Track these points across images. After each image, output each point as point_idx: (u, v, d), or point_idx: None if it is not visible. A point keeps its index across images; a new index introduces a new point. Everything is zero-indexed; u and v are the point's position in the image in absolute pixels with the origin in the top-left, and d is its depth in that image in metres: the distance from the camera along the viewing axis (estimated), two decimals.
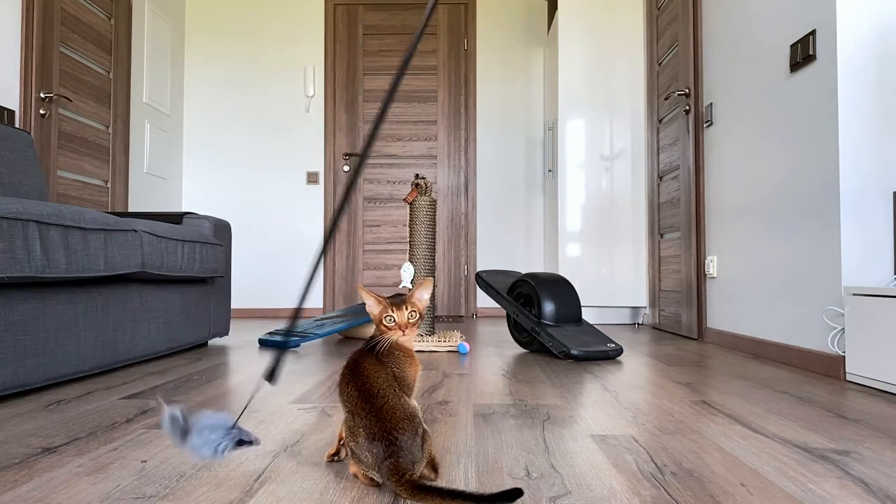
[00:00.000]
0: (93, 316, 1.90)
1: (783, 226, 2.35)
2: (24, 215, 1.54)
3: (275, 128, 4.75)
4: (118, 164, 3.74)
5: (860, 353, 1.85)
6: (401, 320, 1.02)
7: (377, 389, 0.95)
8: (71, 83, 3.30)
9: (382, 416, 0.92)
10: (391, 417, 0.92)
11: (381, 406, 0.93)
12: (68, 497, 0.91)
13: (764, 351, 2.46)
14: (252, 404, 1.54)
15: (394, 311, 1.02)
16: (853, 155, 1.99)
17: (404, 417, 0.92)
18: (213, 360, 2.33)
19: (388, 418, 0.92)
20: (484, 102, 4.75)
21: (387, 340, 1.01)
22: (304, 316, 4.65)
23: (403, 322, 1.02)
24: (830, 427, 1.34)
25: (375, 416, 0.92)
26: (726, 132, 2.85)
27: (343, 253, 4.72)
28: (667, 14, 3.60)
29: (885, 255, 1.97)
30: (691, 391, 1.74)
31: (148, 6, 4.15)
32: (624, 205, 4.02)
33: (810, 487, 0.96)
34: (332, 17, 4.77)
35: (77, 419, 1.38)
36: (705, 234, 3.09)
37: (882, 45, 1.99)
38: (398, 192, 4.75)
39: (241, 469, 1.04)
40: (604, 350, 2.36)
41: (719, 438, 1.24)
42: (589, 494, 0.92)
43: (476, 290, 4.72)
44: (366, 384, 0.96)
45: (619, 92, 4.04)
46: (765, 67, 2.49)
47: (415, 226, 2.76)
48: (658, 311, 3.73)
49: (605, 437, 1.25)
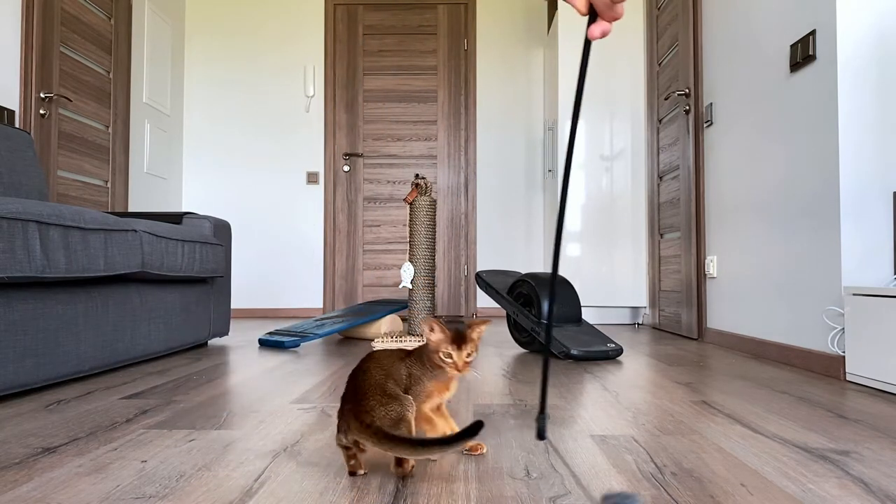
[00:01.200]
0: (93, 316, 1.90)
1: (783, 225, 2.35)
2: (24, 215, 1.54)
3: (275, 128, 4.75)
4: (118, 164, 3.74)
5: (860, 353, 1.85)
6: (458, 360, 0.99)
7: (371, 382, 0.97)
8: (71, 83, 3.30)
9: (358, 390, 0.96)
10: (366, 393, 0.95)
11: (364, 387, 0.96)
12: (68, 497, 0.90)
13: (764, 351, 2.46)
14: (252, 404, 1.54)
15: (453, 349, 0.98)
16: (853, 155, 1.99)
17: (380, 396, 0.95)
18: (213, 360, 2.33)
19: (364, 394, 0.95)
20: (484, 102, 4.75)
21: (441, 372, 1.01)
22: (304, 316, 4.65)
23: (461, 363, 0.99)
24: (830, 427, 1.34)
25: (353, 391, 0.97)
26: (726, 132, 2.85)
27: (343, 253, 4.72)
28: (667, 14, 3.60)
29: (885, 255, 1.97)
30: (691, 391, 1.74)
31: (148, 6, 4.15)
32: (624, 205, 4.02)
33: (810, 487, 0.96)
34: (332, 17, 4.77)
35: (77, 419, 1.38)
36: (705, 234, 3.09)
37: (882, 45, 1.99)
38: (398, 192, 4.75)
39: (241, 469, 1.04)
40: (604, 350, 2.36)
41: (719, 438, 1.24)
42: (589, 494, 0.92)
43: (476, 290, 4.72)
44: (364, 376, 0.98)
45: (619, 92, 4.04)
46: (765, 67, 2.49)
47: (415, 226, 2.76)
48: (658, 311, 3.73)
49: (605, 437, 1.25)
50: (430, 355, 1.00)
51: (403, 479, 0.98)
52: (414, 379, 1.00)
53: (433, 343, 1.00)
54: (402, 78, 4.75)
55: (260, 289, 4.70)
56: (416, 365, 1.01)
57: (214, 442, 1.20)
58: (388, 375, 0.99)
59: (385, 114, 4.74)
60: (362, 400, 0.94)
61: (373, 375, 0.98)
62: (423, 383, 1.00)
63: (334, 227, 4.73)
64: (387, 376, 0.98)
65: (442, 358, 0.98)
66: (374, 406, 0.93)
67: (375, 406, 0.94)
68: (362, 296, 4.71)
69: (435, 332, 1.00)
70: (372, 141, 4.74)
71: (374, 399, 0.94)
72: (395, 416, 0.94)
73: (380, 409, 0.93)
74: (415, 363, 1.01)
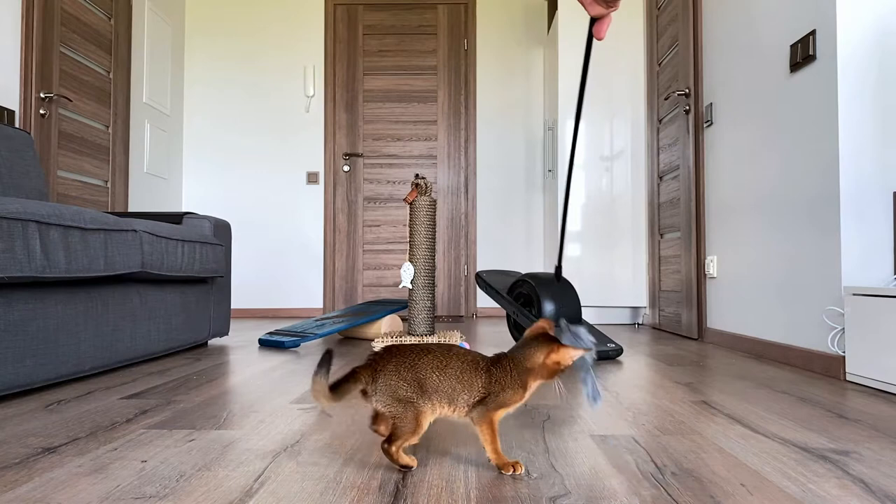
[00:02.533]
0: (93, 316, 1.90)
1: (783, 225, 2.35)
2: (24, 215, 1.54)
3: (275, 128, 4.75)
4: (118, 164, 3.74)
5: (860, 353, 1.85)
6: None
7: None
8: (71, 83, 3.30)
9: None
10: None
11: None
12: (68, 497, 0.91)
13: (764, 351, 2.46)
14: (252, 404, 1.54)
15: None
16: (853, 155, 1.99)
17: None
18: (213, 360, 2.33)
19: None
20: (484, 102, 4.75)
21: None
22: (304, 316, 4.65)
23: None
24: (830, 427, 1.34)
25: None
26: (726, 132, 2.85)
27: (343, 253, 4.72)
28: (667, 14, 3.60)
29: (885, 254, 1.97)
30: (691, 391, 1.74)
31: (148, 6, 4.15)
32: (624, 205, 4.02)
33: (810, 487, 0.96)
34: (332, 17, 4.77)
35: (77, 419, 1.38)
36: (705, 233, 3.09)
37: (882, 45, 1.98)
38: (398, 192, 4.75)
39: (241, 469, 1.04)
40: (604, 350, 2.36)
41: (719, 438, 1.24)
42: (589, 494, 0.92)
43: (476, 290, 4.72)
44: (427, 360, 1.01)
45: (619, 92, 4.04)
46: (765, 67, 2.49)
47: (415, 226, 2.76)
48: (658, 311, 3.73)
49: (605, 437, 1.25)
50: (548, 363, 1.00)
51: (403, 477, 0.99)
52: (500, 386, 1.00)
53: (561, 358, 1.00)
54: (402, 78, 4.75)
55: (260, 289, 4.70)
56: (505, 373, 1.01)
57: (214, 442, 1.20)
58: (450, 373, 0.99)
59: (385, 114, 4.74)
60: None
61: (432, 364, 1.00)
62: (509, 393, 1.00)
63: (334, 227, 4.73)
64: (446, 372, 0.99)
65: (559, 367, 1.01)
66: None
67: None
68: (362, 296, 4.71)
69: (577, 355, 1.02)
70: (372, 141, 4.74)
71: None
72: (413, 415, 0.97)
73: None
74: (506, 372, 1.01)
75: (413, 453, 1.12)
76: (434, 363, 0.99)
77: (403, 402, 0.97)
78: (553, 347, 1.00)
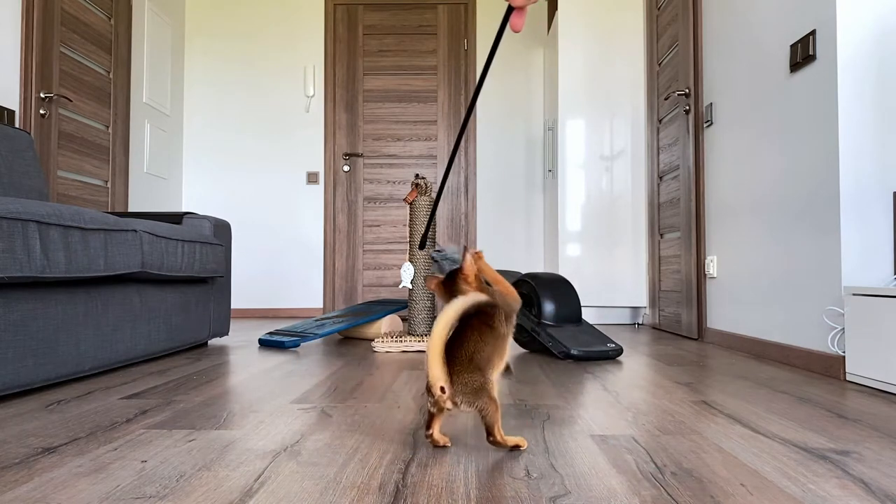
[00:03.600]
0: (93, 316, 1.90)
1: (783, 225, 2.35)
2: (24, 215, 1.54)
3: (275, 128, 4.75)
4: (118, 164, 3.74)
5: (860, 353, 1.85)
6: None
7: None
8: (71, 83, 3.30)
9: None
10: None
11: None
12: (68, 497, 0.91)
13: (764, 351, 2.46)
14: (252, 404, 1.54)
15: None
16: (853, 155, 1.99)
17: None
18: (213, 360, 2.33)
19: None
20: (484, 102, 4.75)
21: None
22: (304, 316, 4.65)
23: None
24: (830, 427, 1.34)
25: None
26: (726, 132, 2.85)
27: (343, 253, 4.72)
28: (667, 14, 3.60)
29: (885, 254, 1.97)
30: (691, 391, 1.74)
31: (148, 6, 4.15)
32: (624, 205, 4.02)
33: (810, 487, 0.96)
34: (332, 18, 4.76)
35: (77, 419, 1.38)
36: (705, 234, 3.09)
37: (882, 45, 1.99)
38: (398, 192, 4.75)
39: (241, 469, 1.04)
40: (604, 350, 2.36)
41: (719, 438, 1.24)
42: (589, 494, 0.92)
43: None
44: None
45: (619, 92, 4.04)
46: (765, 67, 2.49)
47: (415, 226, 2.76)
48: (658, 311, 3.73)
49: (605, 437, 1.25)
50: (471, 284, 1.19)
51: (404, 477, 0.98)
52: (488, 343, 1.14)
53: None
54: (402, 78, 4.75)
55: (260, 289, 4.70)
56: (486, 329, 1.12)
57: (214, 442, 1.20)
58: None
59: (385, 114, 4.74)
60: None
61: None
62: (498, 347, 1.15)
63: (334, 227, 4.73)
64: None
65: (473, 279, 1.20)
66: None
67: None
68: (362, 296, 4.71)
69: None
70: (372, 141, 4.74)
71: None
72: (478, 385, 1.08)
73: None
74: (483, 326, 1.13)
75: (413, 453, 1.12)
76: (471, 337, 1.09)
77: (477, 390, 1.06)
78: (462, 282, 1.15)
